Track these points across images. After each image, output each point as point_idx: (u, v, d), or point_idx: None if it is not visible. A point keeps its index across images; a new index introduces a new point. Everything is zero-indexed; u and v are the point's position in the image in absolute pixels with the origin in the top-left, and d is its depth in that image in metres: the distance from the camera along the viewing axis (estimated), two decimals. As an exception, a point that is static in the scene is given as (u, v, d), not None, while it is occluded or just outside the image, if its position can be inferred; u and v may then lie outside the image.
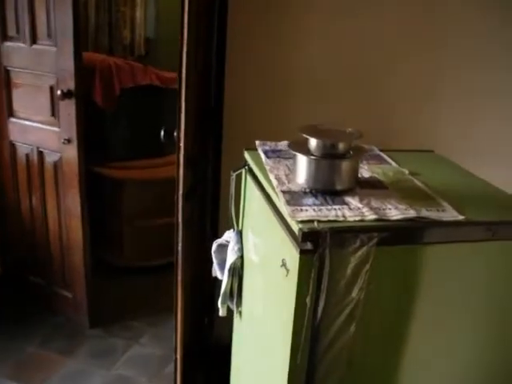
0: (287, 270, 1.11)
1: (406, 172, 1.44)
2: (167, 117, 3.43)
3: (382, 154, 1.59)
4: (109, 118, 3.23)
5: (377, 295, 1.10)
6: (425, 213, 1.12)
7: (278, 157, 1.47)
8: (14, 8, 2.51)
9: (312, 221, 1.06)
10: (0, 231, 2.96)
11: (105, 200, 3.27)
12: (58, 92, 2.43)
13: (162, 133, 1.93)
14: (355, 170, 1.27)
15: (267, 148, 1.54)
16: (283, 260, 1.13)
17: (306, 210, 1.11)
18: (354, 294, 1.07)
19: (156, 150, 3.45)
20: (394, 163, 1.52)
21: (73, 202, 2.61)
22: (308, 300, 1.05)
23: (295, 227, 1.05)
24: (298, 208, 1.12)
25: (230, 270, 1.57)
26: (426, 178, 1.38)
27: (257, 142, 1.58)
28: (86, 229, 2.65)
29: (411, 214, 1.12)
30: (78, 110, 2.46)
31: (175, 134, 1.83)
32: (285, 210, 1.12)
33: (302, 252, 1.02)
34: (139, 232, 3.30)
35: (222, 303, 1.66)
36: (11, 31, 2.57)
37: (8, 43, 2.60)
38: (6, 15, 2.56)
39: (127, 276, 3.27)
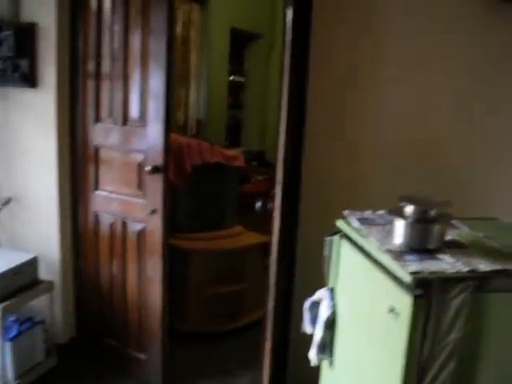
0: (396, 315, 1.30)
1: (480, 235, 1.65)
2: (229, 192, 3.75)
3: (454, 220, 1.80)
4: (179, 193, 3.51)
5: (473, 334, 1.28)
6: (510, 266, 1.33)
7: (368, 224, 1.70)
8: (109, 95, 2.87)
9: (418, 272, 1.27)
10: (77, 295, 3.19)
11: (173, 268, 3.48)
12: (148, 168, 2.72)
13: (259, 204, 2.16)
14: (443, 233, 1.48)
15: (357, 216, 1.76)
16: (391, 306, 1.32)
17: (411, 264, 1.32)
18: (455, 333, 1.26)
19: (219, 222, 3.72)
20: (466, 228, 1.72)
21: (154, 268, 2.84)
22: (417, 339, 1.24)
23: (407, 277, 1.26)
24: (403, 263, 1.33)
25: (325, 324, 1.76)
26: (499, 239, 1.58)
27: (346, 212, 1.81)
28: (165, 295, 2.86)
29: (498, 266, 1.32)
30: (165, 183, 2.74)
31: (269, 205, 2.09)
32: (393, 264, 1.33)
33: (415, 297, 1.23)
34: (205, 299, 3.49)
35: (318, 354, 1.83)
36: (104, 114, 2.92)
37: (99, 124, 2.94)
38: (100, 101, 2.92)
39: (192, 341, 3.44)
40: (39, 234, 3.07)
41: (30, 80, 2.92)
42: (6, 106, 3.03)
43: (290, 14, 2.25)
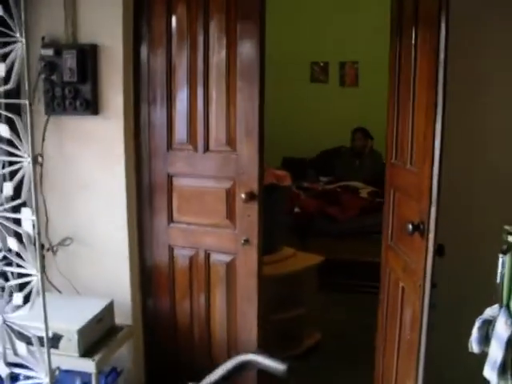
0: None
1: None
2: (277, 213, 3.62)
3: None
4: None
5: None
6: None
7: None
8: (187, 120, 2.66)
9: None
10: (147, 337, 2.93)
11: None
12: (242, 195, 2.55)
13: (410, 226, 2.07)
14: None
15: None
16: None
17: None
18: None
19: (269, 246, 3.58)
20: None
21: (247, 301, 2.66)
22: None
23: None
24: None
25: (507, 343, 1.72)
26: None
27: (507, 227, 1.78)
28: (260, 328, 2.69)
29: None
30: (260, 211, 2.57)
31: (421, 226, 2.01)
32: None
33: None
34: (268, 327, 3.33)
35: (499, 375, 1.78)
36: (178, 140, 2.71)
37: (173, 152, 2.72)
38: (173, 126, 2.71)
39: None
40: (105, 275, 2.79)
41: (93, 107, 2.65)
42: (61, 137, 2.73)
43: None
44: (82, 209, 2.77)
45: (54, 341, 2.32)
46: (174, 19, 2.63)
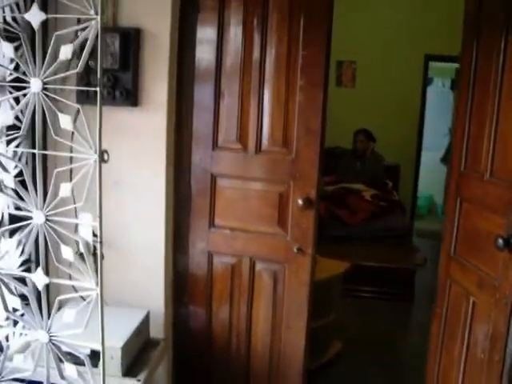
0: None
1: None
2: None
3: None
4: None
5: None
6: None
7: None
8: (237, 117, 2.44)
9: None
10: (178, 350, 2.69)
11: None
12: (300, 201, 2.35)
13: (501, 241, 1.92)
14: None
15: None
16: None
17: None
18: None
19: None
20: None
21: (297, 315, 2.47)
22: None
23: None
24: None
25: None
26: None
27: None
28: (308, 341, 2.50)
29: None
30: (315, 218, 2.38)
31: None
32: None
33: None
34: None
35: None
36: (226, 139, 2.49)
37: (219, 151, 2.50)
38: (219, 124, 2.48)
39: None
40: (138, 284, 2.53)
41: (133, 97, 2.39)
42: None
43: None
44: (113, 208, 2.50)
45: (94, 359, 2.07)
46: (229, 5, 2.39)
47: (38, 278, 1.73)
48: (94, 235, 1.72)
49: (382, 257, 4.48)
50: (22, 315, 1.81)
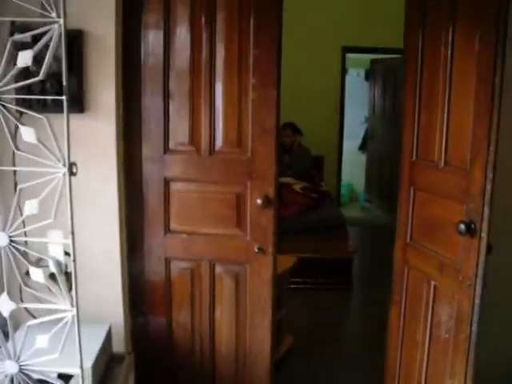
0: None
1: None
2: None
3: None
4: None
5: None
6: None
7: None
8: (189, 119, 2.39)
9: None
10: (139, 362, 2.61)
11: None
12: (259, 201, 2.34)
13: (463, 226, 2.01)
14: None
15: None
16: None
17: None
18: None
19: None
20: None
21: (261, 314, 2.47)
22: None
23: None
24: None
25: None
26: None
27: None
28: (274, 338, 2.50)
29: None
30: (275, 216, 2.38)
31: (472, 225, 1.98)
32: None
33: None
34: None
35: None
36: (177, 142, 2.43)
37: (170, 154, 2.44)
38: (169, 127, 2.42)
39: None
40: (96, 296, 2.40)
41: (79, 103, 2.27)
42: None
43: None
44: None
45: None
46: (175, 4, 2.33)
47: (3, 304, 1.61)
48: (66, 253, 1.63)
49: (318, 248, 4.57)
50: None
